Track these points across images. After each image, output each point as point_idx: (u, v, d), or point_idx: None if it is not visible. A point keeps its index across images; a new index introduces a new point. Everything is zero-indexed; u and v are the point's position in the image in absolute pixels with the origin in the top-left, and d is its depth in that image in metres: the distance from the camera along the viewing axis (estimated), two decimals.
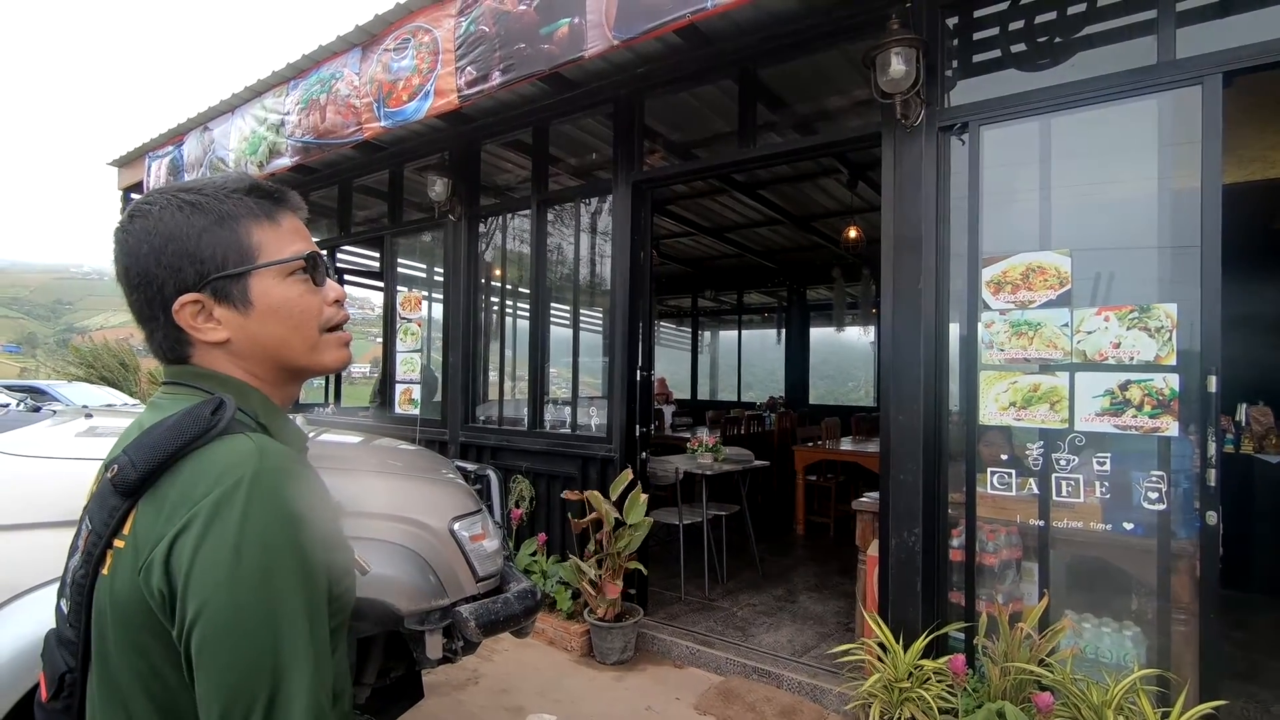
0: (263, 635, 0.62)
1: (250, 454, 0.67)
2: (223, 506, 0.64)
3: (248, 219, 0.77)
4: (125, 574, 0.66)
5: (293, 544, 0.65)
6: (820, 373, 12.79)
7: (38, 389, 9.69)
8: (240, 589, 0.62)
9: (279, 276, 0.78)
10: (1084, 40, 2.77)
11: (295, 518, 0.66)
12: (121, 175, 6.87)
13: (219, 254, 0.75)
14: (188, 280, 0.75)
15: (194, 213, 0.75)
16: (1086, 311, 2.65)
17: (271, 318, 0.77)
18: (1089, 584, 2.77)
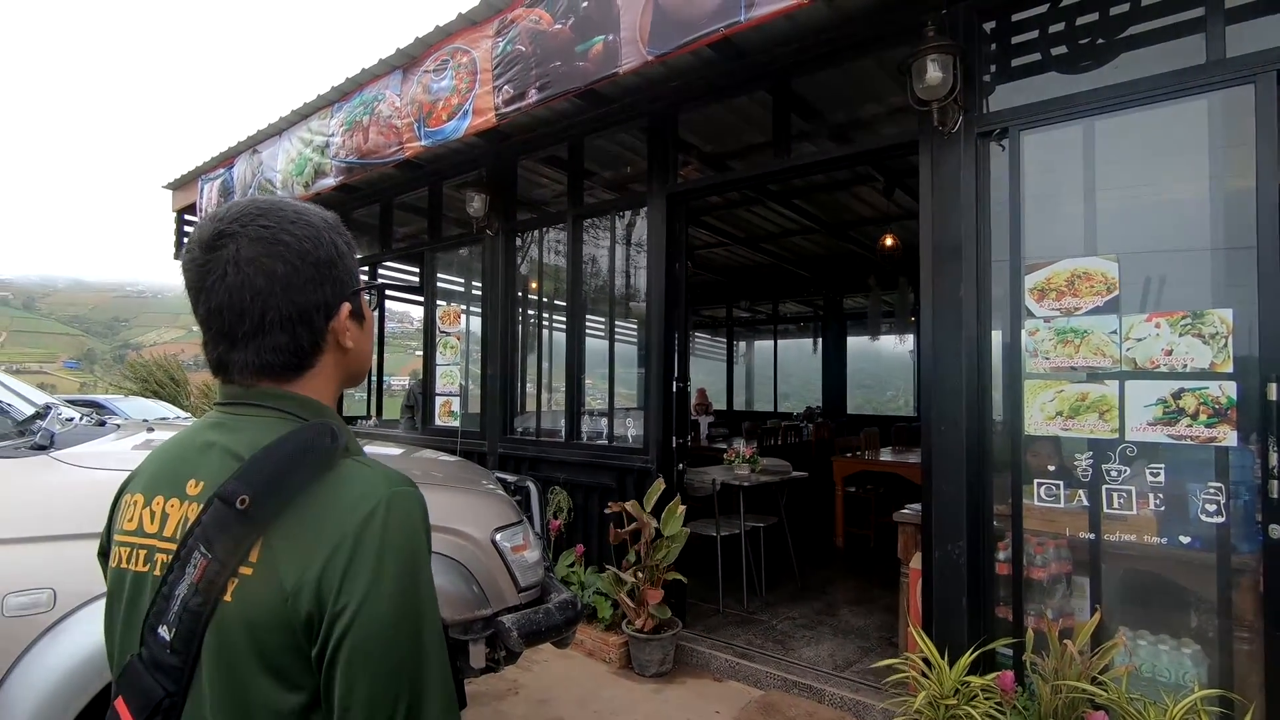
0: (407, 646, 0.67)
1: (380, 480, 0.73)
2: (366, 530, 0.68)
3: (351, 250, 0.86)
4: (260, 600, 0.68)
5: (423, 560, 0.71)
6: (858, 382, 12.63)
7: (98, 403, 10.11)
8: (387, 606, 0.67)
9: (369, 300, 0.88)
10: (1127, 41, 2.71)
11: (422, 536, 0.72)
12: (176, 198, 7.16)
13: (354, 271, 0.85)
14: (342, 290, 0.82)
15: (339, 232, 0.84)
16: (1136, 318, 2.58)
17: (370, 331, 0.87)
18: (1144, 599, 2.68)
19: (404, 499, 0.72)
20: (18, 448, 1.65)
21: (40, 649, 1.42)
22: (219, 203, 6.19)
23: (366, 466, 0.74)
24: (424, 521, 0.74)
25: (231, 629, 0.69)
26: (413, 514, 0.72)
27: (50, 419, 1.99)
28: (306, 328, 0.79)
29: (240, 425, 0.77)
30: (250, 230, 0.77)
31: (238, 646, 0.69)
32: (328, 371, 0.82)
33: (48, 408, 2.16)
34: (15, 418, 1.90)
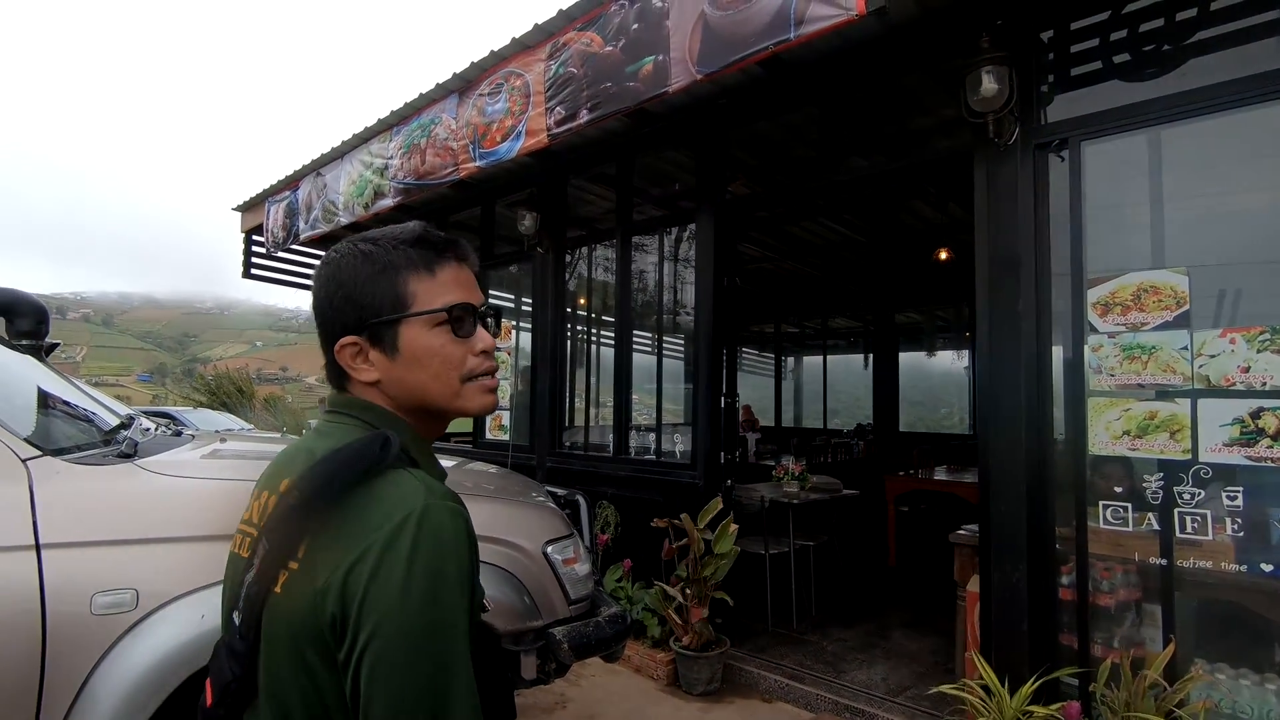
0: (429, 661, 0.67)
1: (418, 491, 0.73)
2: (396, 539, 0.68)
3: (406, 270, 0.84)
4: (299, 595, 0.72)
5: (455, 576, 0.70)
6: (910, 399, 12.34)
7: (170, 414, 10.63)
8: (410, 617, 0.66)
9: (426, 326, 0.83)
10: (1196, 46, 2.62)
11: (457, 551, 0.71)
12: (244, 219, 7.52)
13: (377, 301, 0.83)
14: (349, 323, 0.83)
15: (364, 261, 0.84)
16: (1208, 333, 2.46)
17: (415, 364, 0.83)
18: (1223, 631, 2.54)
19: (438, 512, 0.71)
20: (105, 456, 1.76)
21: (123, 647, 1.50)
22: (284, 224, 6.48)
23: (411, 478, 0.75)
24: (458, 536, 0.72)
25: (276, 620, 0.73)
26: (445, 528, 0.71)
27: (133, 429, 2.12)
28: (330, 353, 0.86)
29: (327, 430, 0.85)
30: (330, 255, 0.87)
31: (280, 638, 0.73)
32: (369, 395, 0.85)
33: (131, 418, 2.29)
34: (102, 427, 2.02)
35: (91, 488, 1.62)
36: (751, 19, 2.95)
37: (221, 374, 18.77)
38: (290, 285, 8.23)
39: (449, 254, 0.87)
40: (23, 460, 1.54)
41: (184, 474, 1.80)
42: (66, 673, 1.47)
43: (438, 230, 0.89)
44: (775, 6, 2.85)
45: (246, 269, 7.68)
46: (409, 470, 0.76)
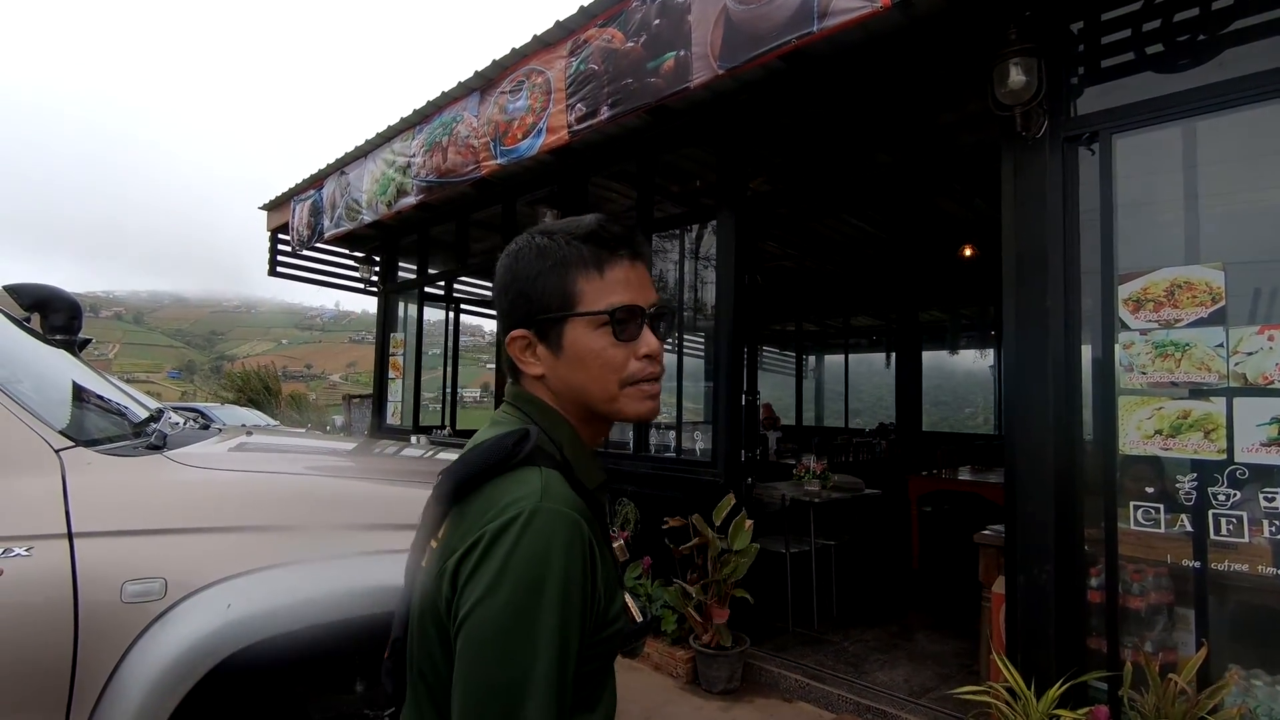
0: (505, 662, 0.67)
1: (534, 492, 0.73)
2: (500, 536, 0.70)
3: (576, 268, 0.83)
4: (430, 573, 0.77)
5: (551, 584, 0.69)
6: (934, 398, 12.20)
7: (199, 410, 10.84)
8: (494, 615, 0.68)
9: (589, 326, 0.82)
10: (1233, 36, 2.55)
11: (556, 559, 0.70)
12: (270, 218, 7.63)
13: (546, 297, 0.83)
14: (520, 317, 0.84)
15: (538, 256, 0.84)
16: (1245, 330, 2.40)
17: (576, 364, 0.83)
18: (1259, 635, 2.47)
19: (547, 516, 0.71)
20: (135, 447, 1.79)
21: (152, 634, 1.53)
22: (309, 222, 6.57)
23: (536, 477, 0.75)
24: (565, 543, 0.71)
25: (419, 591, 0.80)
26: (550, 532, 0.70)
27: (162, 422, 2.15)
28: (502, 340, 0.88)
29: (495, 420, 0.88)
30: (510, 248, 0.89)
31: (416, 608, 0.80)
32: (538, 390, 0.87)
33: (160, 412, 2.33)
34: (132, 420, 2.06)
35: (122, 478, 1.65)
36: (774, 12, 2.93)
37: (249, 371, 19.10)
38: (315, 283, 8.35)
39: (621, 251, 0.85)
40: (56, 451, 1.58)
41: (211, 466, 1.83)
42: (97, 659, 1.49)
43: (614, 225, 0.86)
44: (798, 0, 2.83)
45: (272, 267, 7.80)
46: (540, 469, 0.76)
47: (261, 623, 1.61)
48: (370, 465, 2.56)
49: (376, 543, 1.86)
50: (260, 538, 1.71)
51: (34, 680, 1.44)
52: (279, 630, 1.63)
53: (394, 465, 2.67)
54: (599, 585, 0.75)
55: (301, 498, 1.88)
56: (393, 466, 2.64)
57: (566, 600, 0.69)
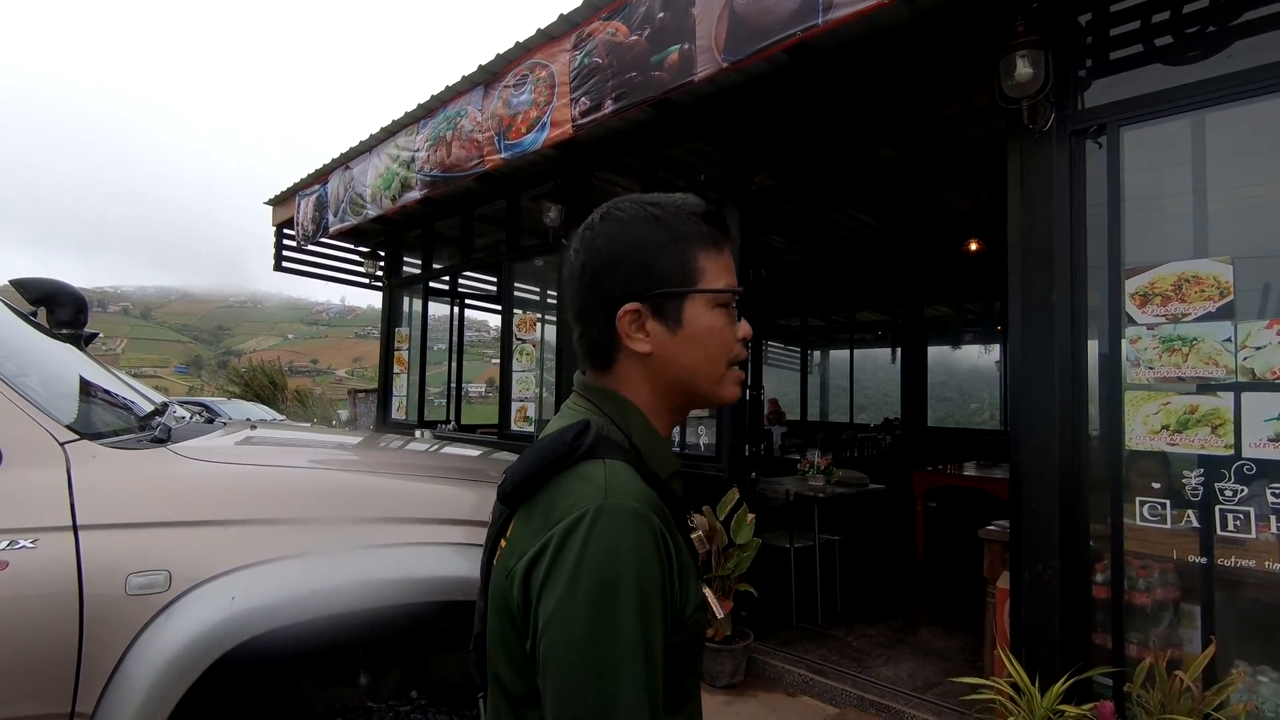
0: (591, 670, 0.64)
1: (598, 489, 0.69)
2: (568, 539, 0.67)
3: (698, 244, 0.80)
4: (501, 570, 0.75)
5: (625, 587, 0.65)
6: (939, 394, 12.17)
7: (205, 405, 10.90)
8: (574, 623, 0.65)
9: (709, 304, 0.80)
10: (1243, 27, 2.52)
11: (628, 560, 0.66)
12: (275, 213, 7.64)
13: (668, 271, 0.78)
14: (635, 289, 0.78)
15: (655, 226, 0.79)
16: (1254, 325, 2.38)
17: (694, 342, 0.80)
18: (1267, 632, 2.45)
19: (613, 514, 0.67)
20: (140, 440, 1.80)
21: (156, 627, 1.53)
22: (314, 217, 6.58)
23: (599, 472, 0.71)
24: (636, 541, 0.67)
25: (492, 588, 0.78)
26: (619, 531, 0.67)
27: (167, 415, 2.16)
28: (595, 324, 0.80)
29: (563, 413, 0.84)
30: (583, 231, 0.83)
31: (492, 604, 0.77)
32: (632, 371, 0.81)
33: (165, 405, 2.34)
34: (138, 414, 2.07)
35: (126, 471, 1.66)
36: (779, 5, 2.91)
37: (255, 366, 19.18)
38: (320, 278, 8.36)
39: (728, 235, 0.84)
40: (61, 443, 1.58)
41: (215, 459, 1.84)
42: (103, 650, 1.50)
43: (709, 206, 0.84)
44: None
45: (278, 262, 7.82)
46: (604, 462, 0.72)
47: (266, 615, 1.61)
48: (375, 459, 2.57)
49: (381, 536, 1.86)
50: (264, 531, 1.71)
51: (40, 671, 1.45)
52: (283, 623, 1.63)
53: (399, 459, 2.68)
54: (675, 581, 0.71)
55: (305, 491, 1.89)
56: (398, 461, 2.64)
57: (645, 601, 0.66)
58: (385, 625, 1.92)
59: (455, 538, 1.97)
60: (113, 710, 1.49)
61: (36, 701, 1.45)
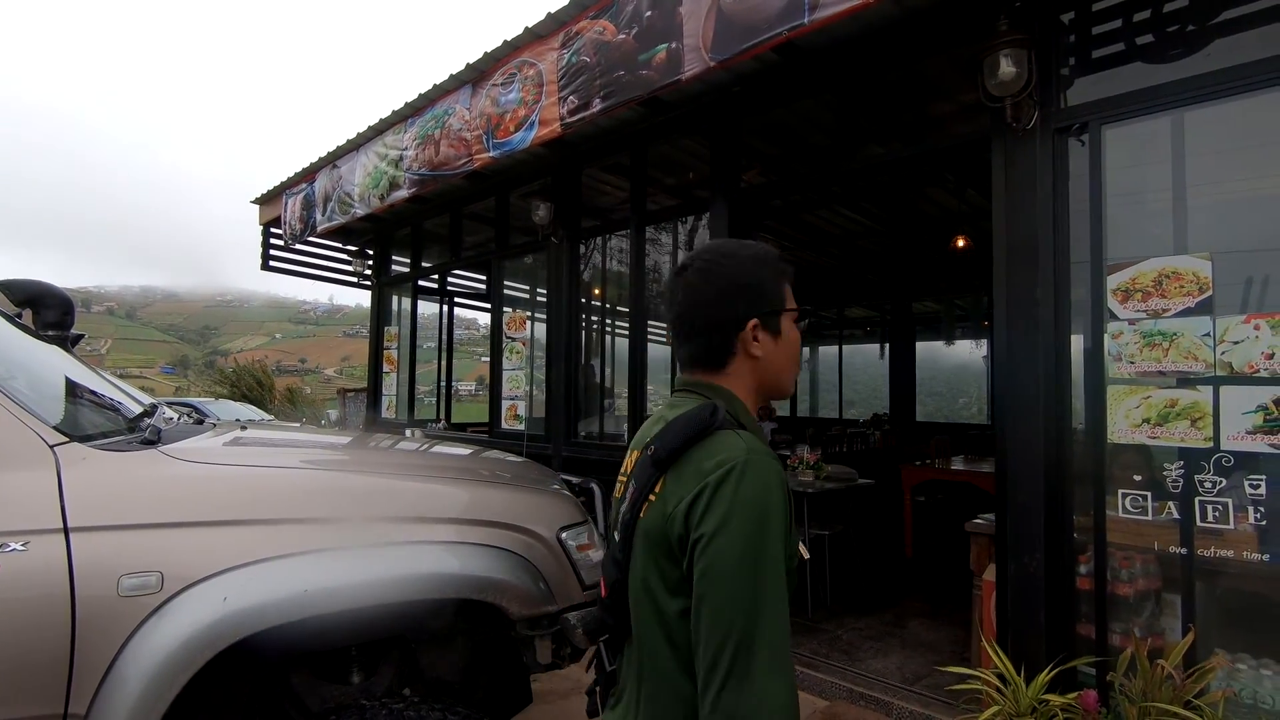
0: (744, 580, 0.85)
1: (743, 447, 0.92)
2: (725, 480, 0.88)
3: (784, 277, 1.09)
4: (655, 519, 0.96)
5: (771, 510, 0.88)
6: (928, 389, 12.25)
7: (193, 405, 10.81)
8: (734, 540, 0.86)
9: (791, 320, 1.09)
10: (1222, 26, 2.56)
11: (775, 495, 0.90)
12: (262, 212, 7.60)
13: (775, 296, 1.07)
14: (755, 309, 1.04)
15: (764, 264, 1.07)
16: (1232, 319, 2.42)
17: (786, 347, 1.08)
18: (1244, 621, 2.51)
19: (759, 462, 0.90)
20: (129, 442, 1.80)
21: (149, 628, 1.54)
22: (301, 216, 6.55)
23: (738, 437, 0.94)
24: (775, 480, 0.90)
25: (642, 536, 0.98)
26: (765, 474, 0.90)
27: (156, 417, 2.16)
28: (720, 334, 1.05)
29: (679, 404, 1.06)
30: (697, 262, 1.07)
31: (642, 549, 0.98)
32: (741, 371, 1.06)
33: (154, 407, 2.34)
34: (127, 415, 2.06)
35: (116, 473, 1.66)
36: (766, 4, 2.93)
37: (242, 366, 19.04)
38: (308, 277, 8.32)
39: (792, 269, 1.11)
40: (50, 446, 1.58)
41: (206, 460, 1.84)
42: (95, 652, 1.50)
43: None
44: None
45: (265, 261, 7.77)
46: (736, 431, 0.96)
47: (258, 615, 1.62)
48: (366, 459, 2.57)
49: (373, 536, 1.87)
50: (256, 531, 1.72)
51: (32, 673, 1.45)
52: (275, 623, 1.64)
53: (390, 459, 2.68)
54: (792, 520, 0.94)
55: (296, 491, 1.89)
56: (389, 460, 2.65)
57: (785, 529, 0.90)
58: (378, 624, 1.93)
59: (447, 536, 1.98)
60: (106, 711, 1.49)
61: (29, 703, 1.45)
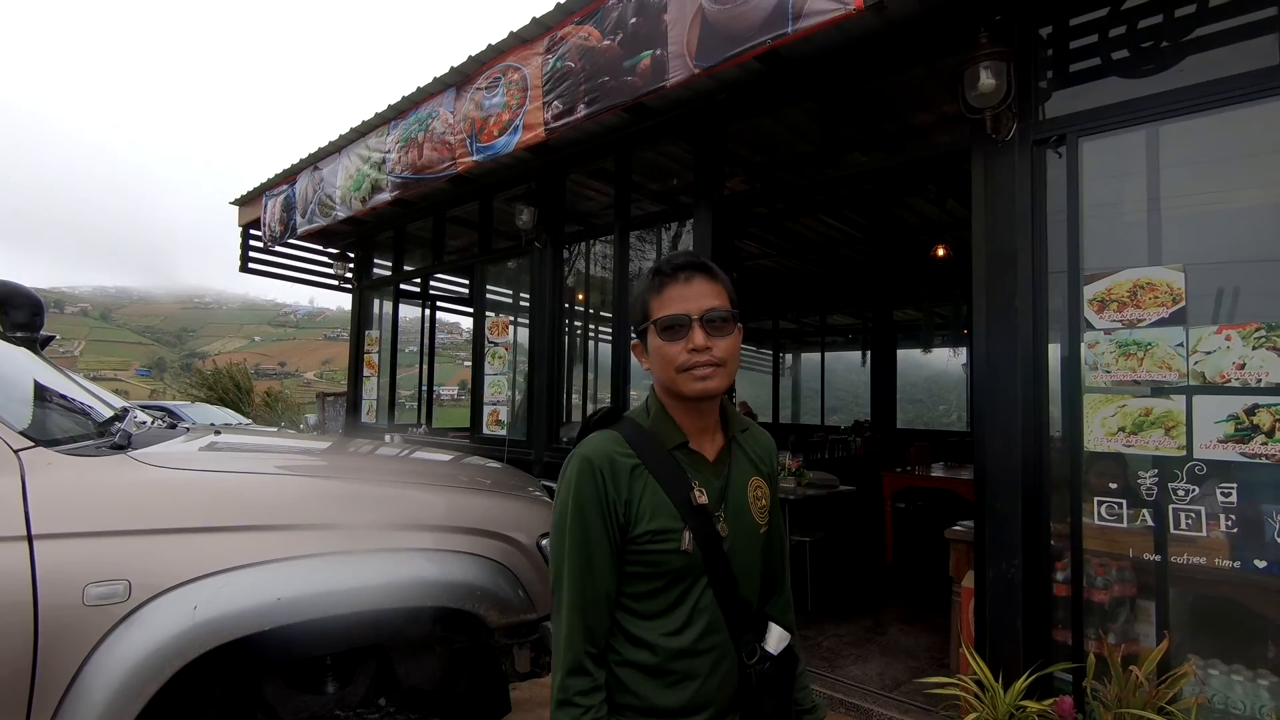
0: (556, 544, 1.16)
1: (584, 443, 1.19)
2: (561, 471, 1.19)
3: (649, 293, 1.20)
4: None
5: (567, 497, 1.15)
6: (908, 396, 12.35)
7: (168, 409, 10.62)
8: (555, 511, 1.17)
9: (654, 332, 1.18)
10: (1194, 43, 2.61)
11: (572, 485, 1.14)
12: (241, 213, 7.50)
13: (638, 314, 1.22)
14: (636, 328, 1.23)
15: (641, 289, 1.22)
16: (1204, 330, 2.46)
17: (655, 358, 1.20)
18: (1216, 627, 2.54)
19: (574, 459, 1.17)
20: (98, 447, 1.75)
21: (116, 638, 1.50)
22: (281, 218, 6.47)
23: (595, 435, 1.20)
24: (578, 475, 1.14)
25: None
26: (570, 470, 1.16)
27: (127, 421, 2.11)
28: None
29: None
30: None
31: None
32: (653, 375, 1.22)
33: (125, 410, 2.29)
34: (96, 419, 2.02)
35: (84, 479, 1.62)
36: (750, 13, 2.94)
37: (220, 369, 18.74)
38: (288, 280, 8.22)
39: (678, 276, 1.18)
40: (15, 451, 1.54)
41: (177, 466, 1.80)
42: (59, 662, 1.46)
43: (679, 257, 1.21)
44: (774, 0, 2.84)
45: (244, 263, 7.67)
46: (605, 432, 1.20)
47: (229, 625, 1.59)
48: (344, 465, 2.54)
49: (349, 543, 1.84)
50: (228, 538, 1.68)
51: None
52: (247, 632, 1.61)
53: (369, 465, 2.65)
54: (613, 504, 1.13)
55: (271, 498, 1.86)
56: (367, 466, 2.61)
57: (580, 512, 1.13)
58: (354, 632, 1.90)
59: (425, 543, 1.96)
60: None
61: None
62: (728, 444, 1.26)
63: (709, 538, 1.16)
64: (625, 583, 1.16)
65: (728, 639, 1.18)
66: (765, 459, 1.32)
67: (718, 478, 1.22)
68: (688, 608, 1.15)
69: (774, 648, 1.22)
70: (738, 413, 1.33)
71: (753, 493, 1.24)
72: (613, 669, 1.15)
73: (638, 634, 1.15)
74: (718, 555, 1.16)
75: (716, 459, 1.24)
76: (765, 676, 1.19)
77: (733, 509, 1.21)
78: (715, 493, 1.19)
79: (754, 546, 1.24)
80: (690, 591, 1.16)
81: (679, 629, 1.14)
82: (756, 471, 1.28)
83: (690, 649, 1.14)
